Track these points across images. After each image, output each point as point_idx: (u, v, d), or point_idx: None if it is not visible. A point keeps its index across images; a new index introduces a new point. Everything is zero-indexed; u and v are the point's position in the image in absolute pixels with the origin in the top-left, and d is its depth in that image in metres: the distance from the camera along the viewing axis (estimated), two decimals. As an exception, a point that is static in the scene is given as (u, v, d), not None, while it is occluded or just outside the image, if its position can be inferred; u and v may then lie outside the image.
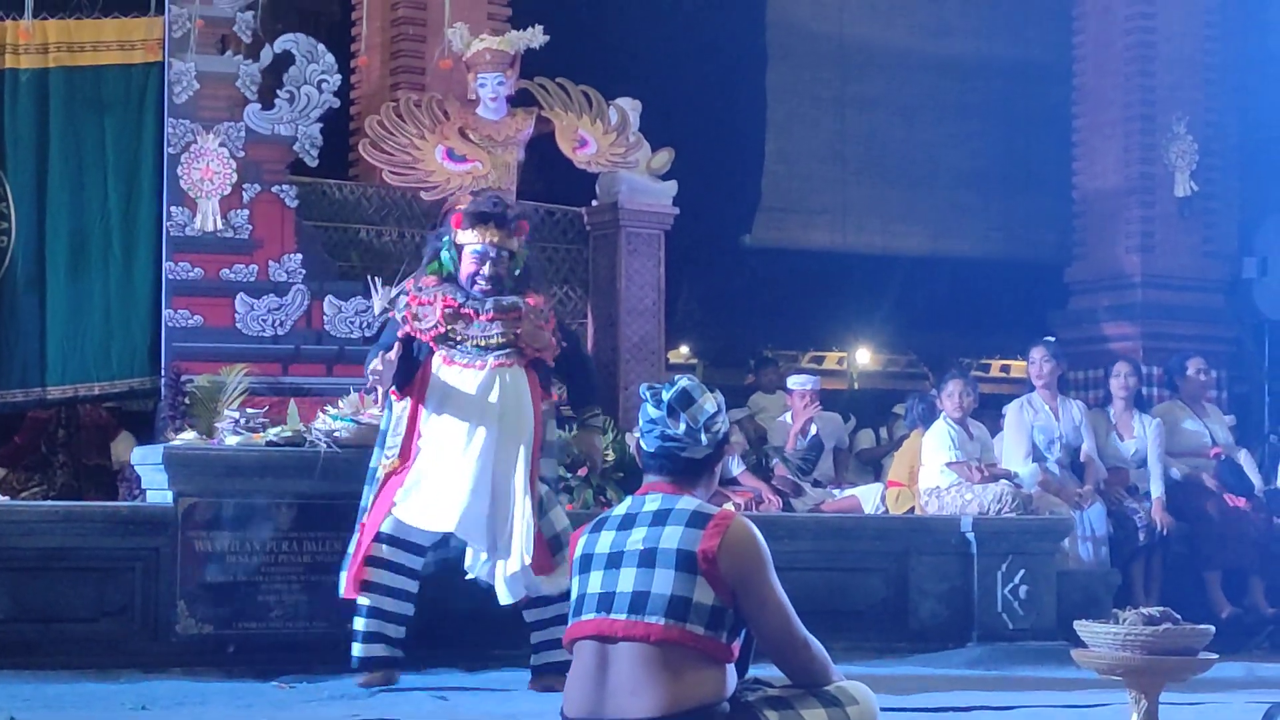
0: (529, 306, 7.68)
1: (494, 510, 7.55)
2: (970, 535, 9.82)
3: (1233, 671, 8.57)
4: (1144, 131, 14.24)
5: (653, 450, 4.85)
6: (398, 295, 7.97)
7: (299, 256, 9.79)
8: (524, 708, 6.86)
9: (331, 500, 8.49)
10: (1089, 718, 6.82)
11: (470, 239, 7.63)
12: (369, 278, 9.95)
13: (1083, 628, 5.42)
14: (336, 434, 8.57)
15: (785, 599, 4.76)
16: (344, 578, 7.72)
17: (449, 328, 7.59)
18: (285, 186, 9.89)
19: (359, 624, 7.67)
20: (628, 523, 4.77)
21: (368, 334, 9.78)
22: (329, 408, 8.80)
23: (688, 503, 4.74)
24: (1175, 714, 6.06)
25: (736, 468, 11.00)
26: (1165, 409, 11.84)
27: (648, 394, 4.89)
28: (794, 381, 12.24)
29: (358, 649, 7.67)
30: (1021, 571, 9.82)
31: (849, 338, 22.01)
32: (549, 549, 7.58)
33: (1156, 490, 11.13)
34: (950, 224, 15.69)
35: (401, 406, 7.70)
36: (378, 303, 9.78)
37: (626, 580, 4.67)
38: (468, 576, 7.80)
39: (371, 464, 7.86)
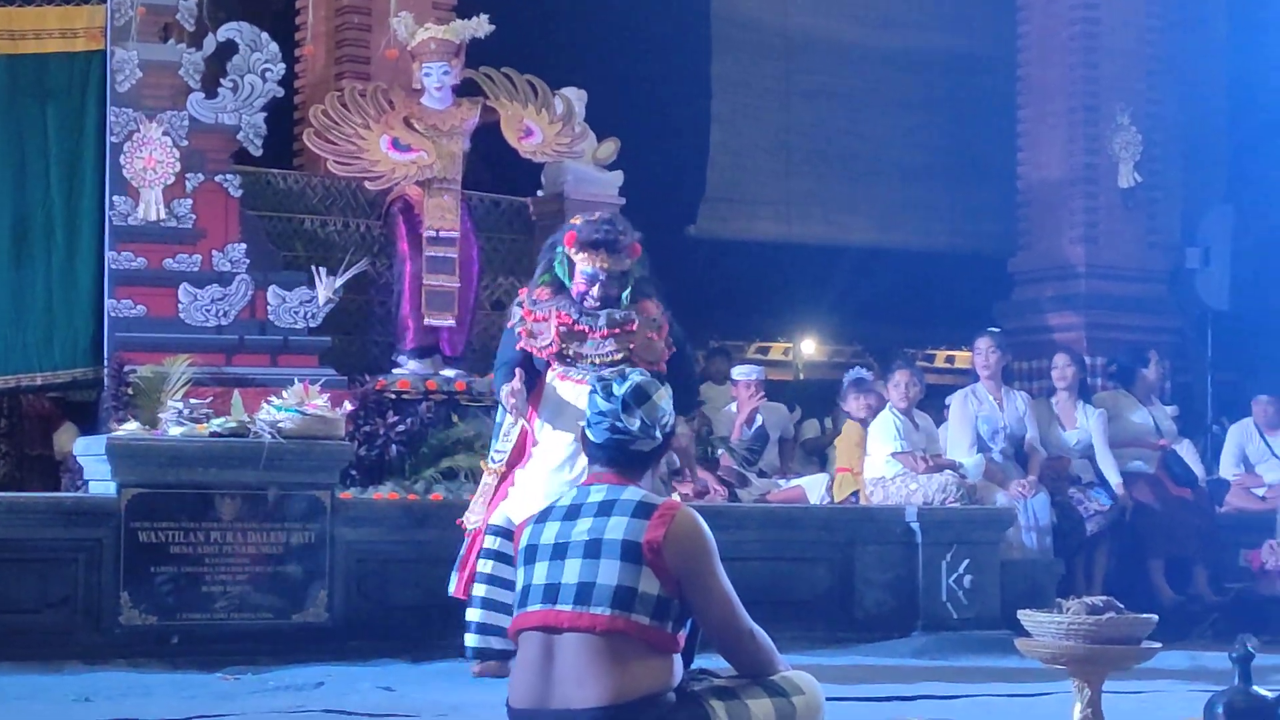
0: (643, 318, 7.71)
1: None
2: (915, 525, 9.86)
3: (1176, 660, 8.62)
4: (1088, 123, 14.29)
5: (601, 442, 4.85)
6: (513, 307, 7.93)
7: (243, 246, 9.74)
8: (470, 698, 6.85)
9: (276, 491, 8.47)
10: (1032, 707, 6.84)
11: (581, 261, 7.62)
12: (314, 268, 9.93)
13: (1026, 617, 5.43)
14: (281, 424, 8.54)
15: (731, 589, 4.76)
16: (455, 578, 7.87)
17: (564, 345, 7.65)
18: (229, 176, 9.83)
19: (473, 615, 7.69)
20: (573, 513, 4.77)
21: (311, 324, 9.74)
22: (273, 398, 8.77)
23: (633, 493, 4.74)
24: (1118, 703, 6.08)
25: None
26: (1110, 399, 11.90)
27: (598, 386, 4.88)
28: (738, 372, 12.26)
29: (472, 640, 7.72)
30: (966, 561, 9.86)
31: (794, 328, 22.03)
32: None
33: (1115, 478, 11.21)
34: (895, 215, 15.71)
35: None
36: (322, 293, 9.76)
37: (572, 571, 4.66)
38: None
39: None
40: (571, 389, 7.61)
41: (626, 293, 7.67)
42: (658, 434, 4.81)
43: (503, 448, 7.85)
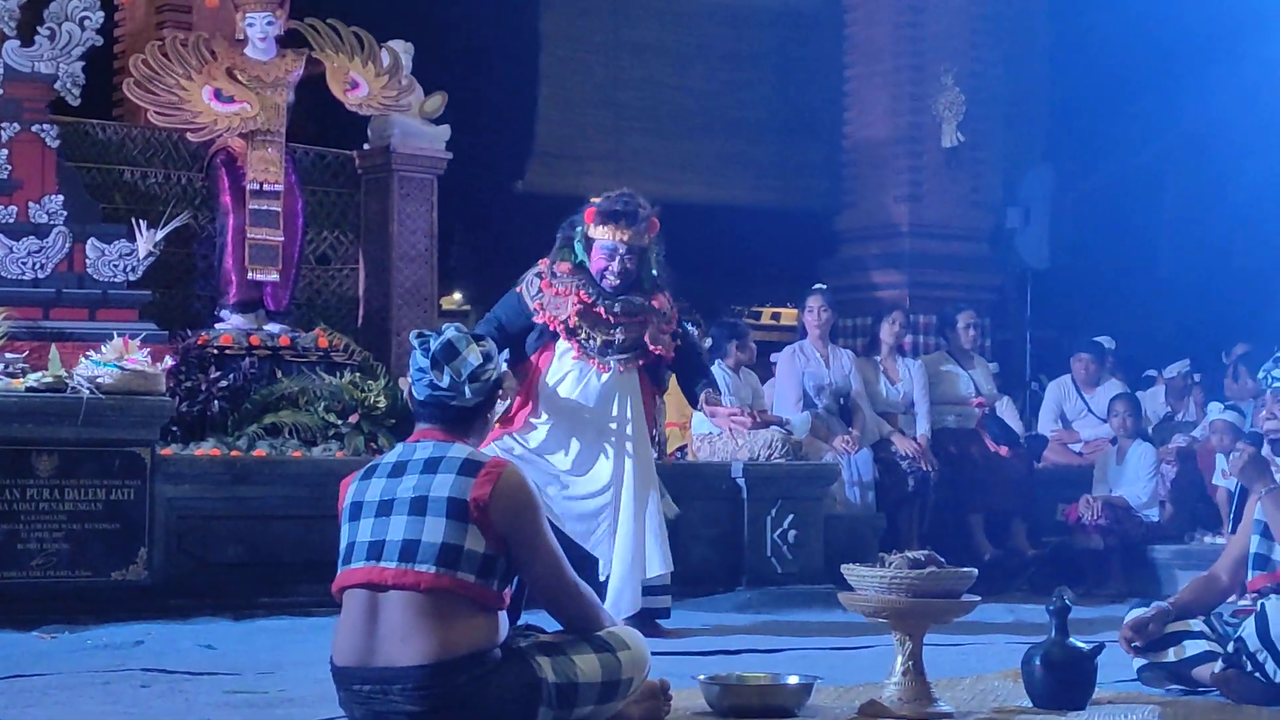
0: (655, 310, 7.87)
1: (608, 506, 7.82)
2: (740, 481, 9.92)
3: (995, 613, 8.75)
4: (913, 82, 14.41)
5: (423, 399, 4.84)
6: (531, 275, 7.87)
7: (60, 198, 9.55)
8: (292, 656, 6.80)
9: (94, 447, 8.35)
10: (855, 660, 6.91)
11: (600, 235, 7.73)
12: (133, 220, 9.77)
13: (849, 571, 5.48)
14: (99, 380, 8.41)
15: (556, 546, 4.77)
16: None
17: (579, 324, 7.72)
18: (46, 126, 9.64)
19: None
20: (399, 470, 4.75)
21: (131, 278, 9.58)
22: (92, 353, 8.63)
23: (459, 450, 4.73)
24: (939, 655, 6.17)
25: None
26: (933, 359, 12.04)
27: (417, 342, 4.86)
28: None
29: None
30: (790, 516, 9.94)
31: (622, 284, 21.99)
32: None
33: (922, 428, 11.38)
34: (723, 172, 15.75)
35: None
36: (143, 246, 9.60)
37: (397, 528, 4.64)
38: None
39: None
40: (581, 367, 7.78)
41: (649, 275, 7.86)
42: (467, 391, 4.79)
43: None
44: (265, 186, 10.03)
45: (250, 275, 10.05)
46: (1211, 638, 5.89)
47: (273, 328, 10.09)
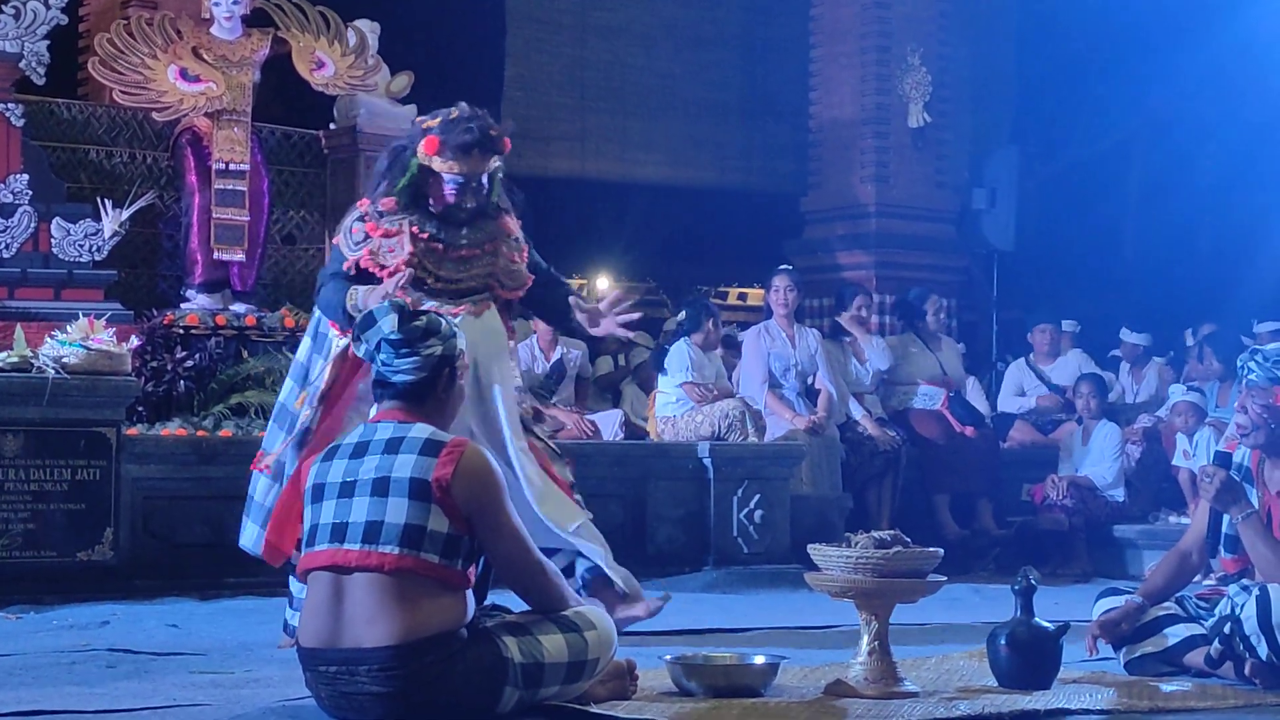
0: (505, 235, 6.71)
1: None
2: (707, 461, 9.92)
3: (961, 593, 8.78)
4: (879, 63, 14.41)
5: (375, 377, 4.87)
6: (350, 222, 6.67)
7: (25, 177, 9.51)
8: (259, 636, 6.79)
9: (60, 427, 8.32)
10: (822, 639, 6.92)
11: (446, 169, 6.51)
12: (99, 199, 9.74)
13: (815, 551, 5.50)
14: (65, 360, 8.38)
15: (520, 525, 4.78)
16: (256, 532, 6.55)
17: (419, 267, 6.51)
18: (11, 105, 9.59)
19: (296, 587, 6.10)
20: (360, 451, 4.75)
21: (97, 257, 9.55)
22: (57, 333, 8.60)
23: (420, 430, 4.74)
24: (905, 635, 6.18)
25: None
26: (899, 341, 12.07)
27: (359, 319, 4.90)
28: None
29: (292, 615, 6.34)
30: (757, 496, 9.95)
31: (588, 265, 21.98)
32: (573, 492, 6.87)
33: (878, 410, 11.46)
34: (689, 153, 15.76)
35: (339, 342, 6.54)
36: (108, 226, 9.56)
37: (360, 510, 4.65)
38: None
39: (281, 398, 6.84)
40: None
41: (495, 197, 6.68)
42: (401, 362, 4.80)
43: (317, 382, 6.59)
44: (231, 166, 10.00)
45: (216, 255, 10.02)
46: (1186, 619, 5.90)
47: (239, 308, 10.06)
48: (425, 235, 6.52)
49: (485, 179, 6.59)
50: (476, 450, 4.75)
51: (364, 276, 6.50)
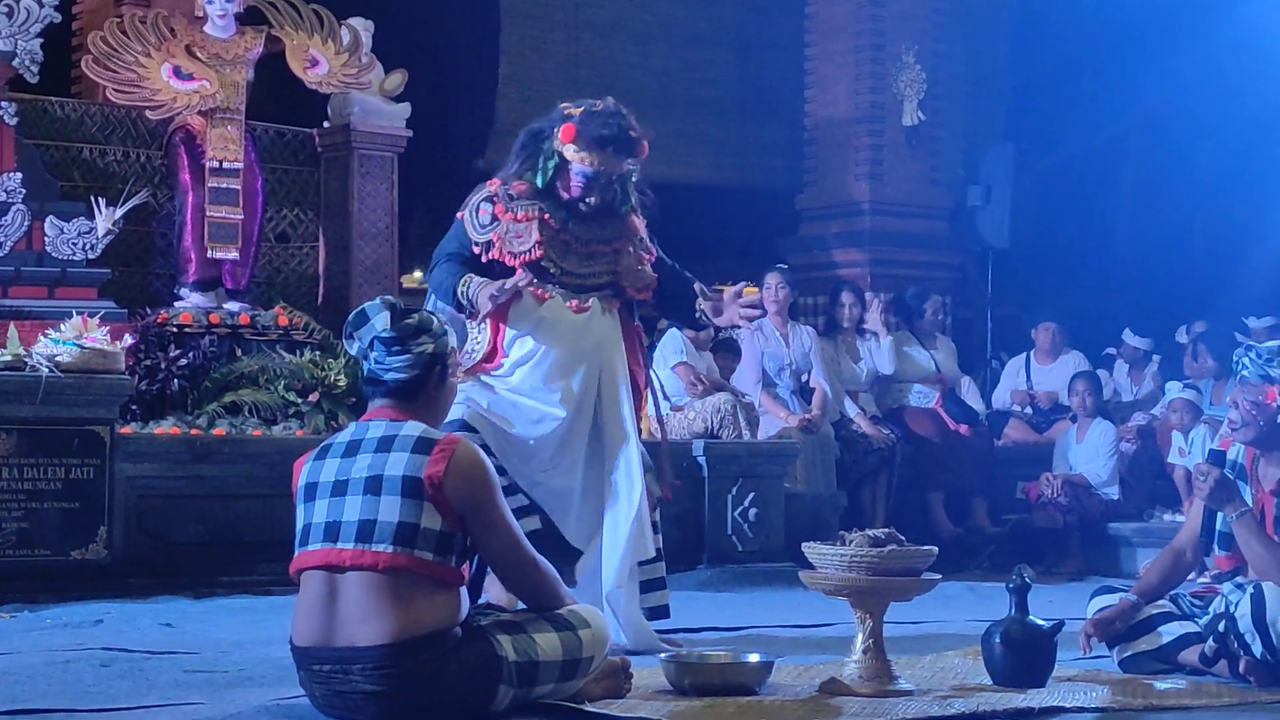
0: (631, 235, 6.62)
1: (585, 486, 6.54)
2: (702, 459, 9.91)
3: (956, 591, 8.78)
4: (874, 60, 14.40)
5: (366, 374, 4.86)
6: (478, 200, 6.49)
7: (19, 176, 9.49)
8: (253, 634, 6.79)
9: (54, 425, 8.31)
10: (816, 637, 6.92)
11: (580, 160, 6.38)
12: (93, 198, 9.73)
13: (810, 549, 5.49)
14: (58, 358, 8.37)
15: (514, 522, 4.78)
16: None
17: (545, 256, 6.40)
18: (4, 104, 9.57)
19: None
20: (352, 449, 4.74)
21: (90, 256, 9.54)
22: (51, 331, 8.59)
23: (412, 428, 4.73)
24: (900, 633, 6.18)
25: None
26: (896, 338, 12.06)
27: (351, 316, 4.89)
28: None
29: None
30: (751, 494, 9.94)
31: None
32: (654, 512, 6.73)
33: (872, 408, 11.45)
34: (684, 150, 15.74)
35: (480, 325, 6.48)
36: (102, 224, 9.56)
37: (353, 508, 4.64)
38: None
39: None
40: (556, 309, 6.46)
41: (628, 203, 6.60)
42: (393, 360, 4.80)
43: (476, 347, 6.47)
44: (225, 164, 9.99)
45: (210, 253, 10.01)
46: (1180, 617, 5.90)
47: (232, 306, 10.05)
48: (556, 226, 6.41)
49: (616, 178, 6.48)
50: (469, 448, 4.75)
51: (479, 261, 6.39)
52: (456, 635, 4.63)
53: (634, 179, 6.60)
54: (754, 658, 5.43)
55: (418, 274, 17.74)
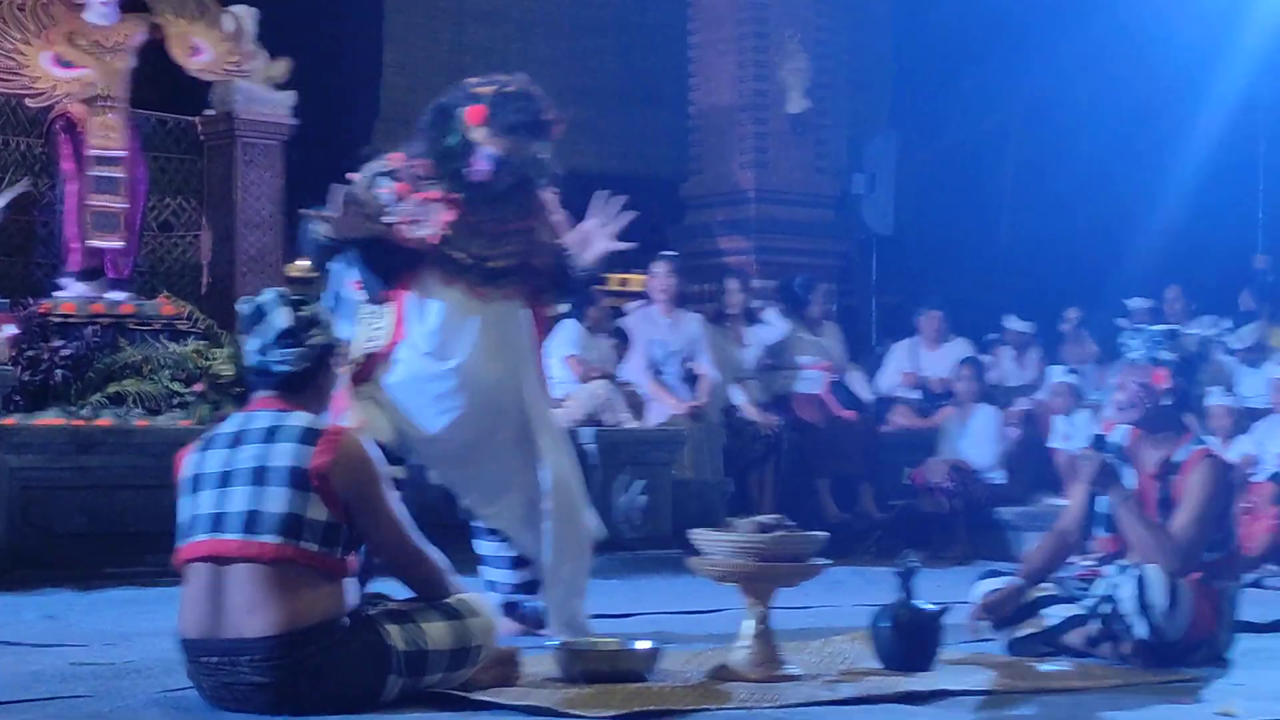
0: (543, 212, 6.37)
1: (492, 473, 6.34)
2: (591, 446, 9.91)
3: (843, 576, 8.82)
4: (758, 49, 14.44)
5: (251, 365, 4.83)
6: (377, 173, 6.18)
7: (-104, 165, 9.39)
8: (138, 626, 6.73)
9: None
10: (705, 624, 6.94)
11: (490, 143, 6.09)
12: (-29, 187, 9.62)
13: (698, 536, 5.51)
14: (-61, 349, 8.27)
15: (400, 512, 4.76)
16: None
17: (450, 241, 6.11)
18: (-119, 92, 9.46)
19: None
20: (237, 440, 4.71)
21: (-29, 246, 9.44)
22: (-70, 322, 8.49)
23: (298, 419, 4.71)
24: (788, 619, 6.21)
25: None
26: (781, 324, 12.10)
27: (243, 308, 4.85)
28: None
29: None
30: (640, 482, 9.95)
31: (469, 251, 21.88)
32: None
33: (759, 395, 11.50)
34: (569, 139, 15.54)
35: (383, 310, 6.19)
36: (-18, 214, 9.44)
37: (239, 499, 4.62)
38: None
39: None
40: (455, 299, 6.15)
41: (541, 180, 6.32)
42: (276, 354, 4.75)
43: (375, 328, 6.20)
44: (106, 153, 9.89)
45: (92, 243, 9.91)
46: (1065, 600, 5.96)
47: (116, 295, 9.95)
48: (462, 206, 6.10)
49: (527, 160, 6.20)
50: (354, 439, 4.74)
51: (380, 243, 6.05)
52: (345, 626, 4.61)
53: (544, 158, 6.31)
54: (643, 644, 5.44)
55: (304, 262, 17.62)
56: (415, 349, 6.18)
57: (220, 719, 4.59)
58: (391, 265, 6.11)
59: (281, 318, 4.79)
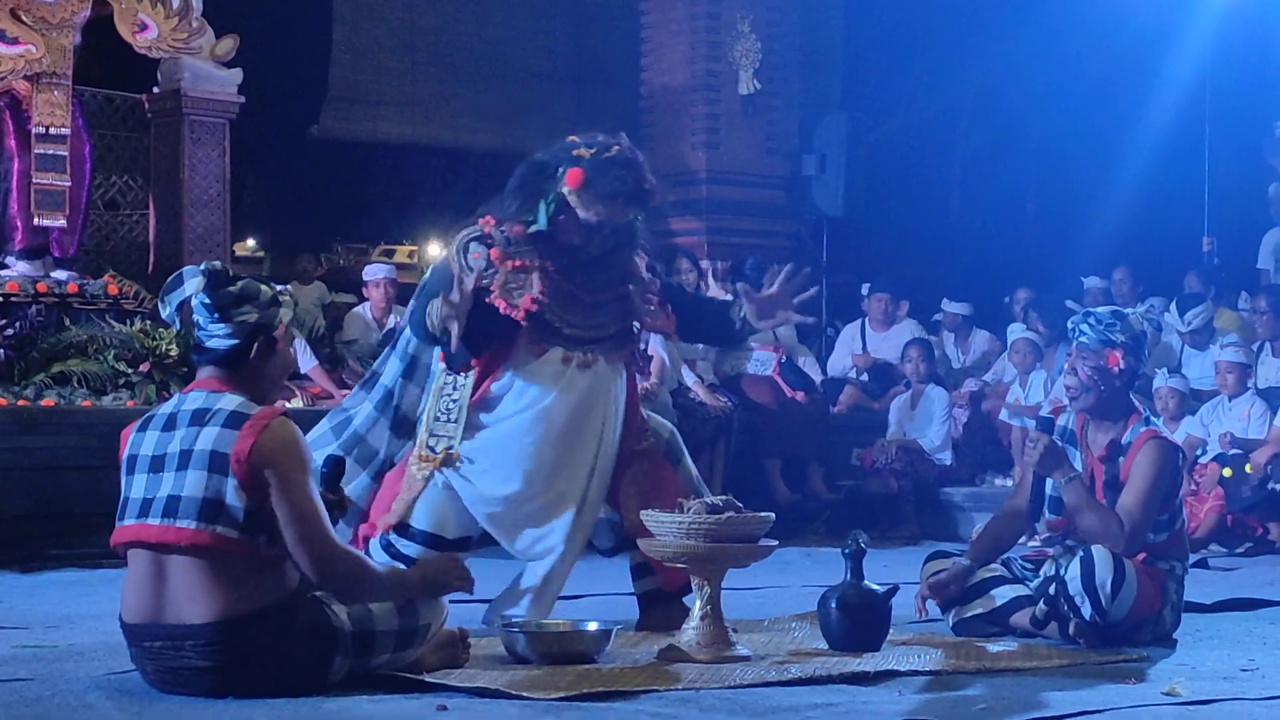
0: (635, 275, 6.10)
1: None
2: (538, 428, 9.87)
3: (792, 557, 8.83)
4: (709, 30, 14.42)
5: (192, 341, 4.77)
6: (467, 240, 5.89)
7: None
8: (82, 609, 6.69)
9: None
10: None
11: (587, 209, 5.84)
12: (-85, 165, 9.53)
13: (649, 517, 5.49)
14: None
15: (318, 507, 4.62)
16: None
17: (546, 309, 5.84)
18: None
19: None
20: (170, 423, 4.65)
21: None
22: None
23: (229, 401, 4.64)
24: (737, 599, 6.21)
25: (308, 363, 10.83)
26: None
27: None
28: (370, 271, 12.16)
29: None
30: (589, 463, 9.92)
31: (420, 231, 21.89)
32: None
33: (709, 376, 11.50)
34: (519, 119, 15.69)
35: (462, 381, 5.94)
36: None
37: (165, 484, 4.58)
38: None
39: (350, 414, 6.09)
40: (553, 369, 5.88)
41: (634, 246, 6.12)
42: (220, 331, 4.67)
43: (445, 431, 5.94)
44: (51, 130, 9.83)
45: (36, 221, 9.85)
46: (1012, 580, 5.98)
47: (60, 275, 9.89)
48: (556, 274, 5.84)
49: (619, 227, 5.97)
50: (283, 425, 4.61)
51: (481, 307, 5.76)
52: (289, 609, 4.56)
53: (639, 222, 6.10)
54: (592, 626, 5.43)
55: (250, 242, 17.57)
56: (497, 411, 5.95)
57: (164, 702, 4.55)
58: (482, 333, 5.81)
59: (193, 286, 4.68)
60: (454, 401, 5.91)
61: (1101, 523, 5.75)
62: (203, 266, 4.75)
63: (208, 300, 4.69)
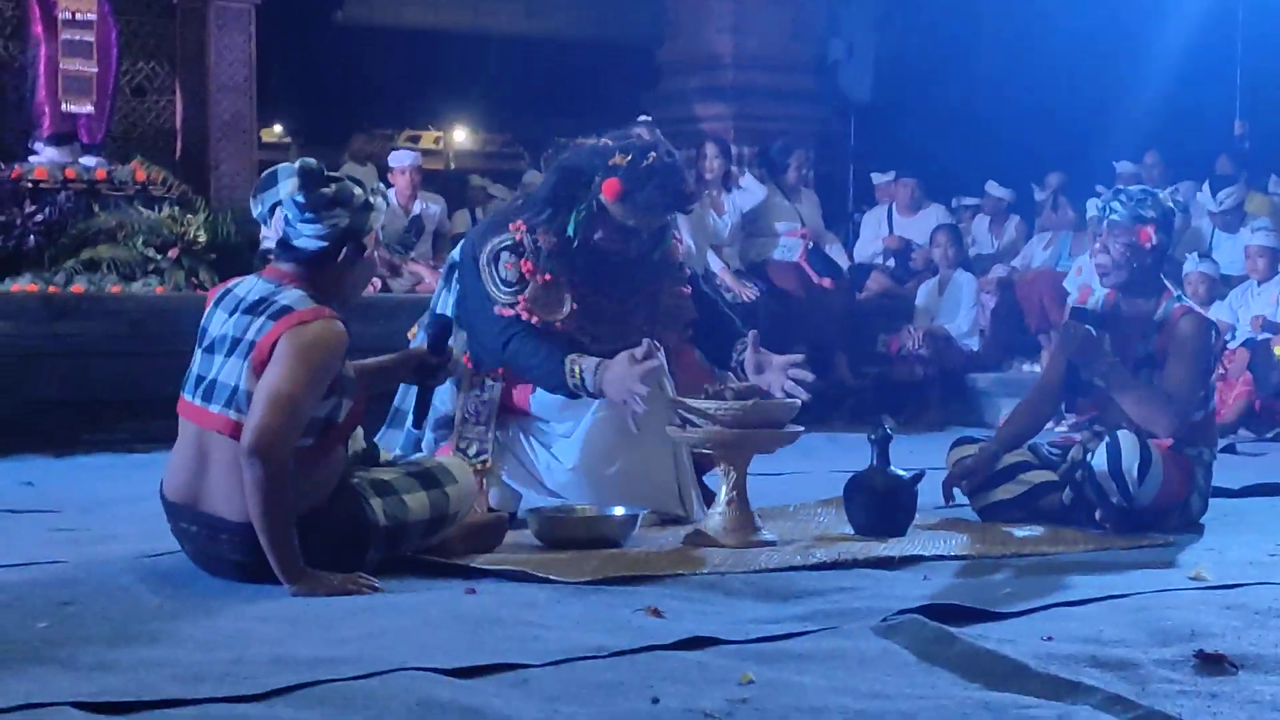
0: (670, 268, 6.02)
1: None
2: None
3: (817, 443, 8.85)
4: (735, -89, 14.29)
5: (279, 236, 4.69)
6: (498, 248, 5.74)
7: None
8: (113, 492, 6.74)
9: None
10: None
11: (622, 217, 5.69)
12: None
13: (675, 403, 5.51)
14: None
15: (294, 402, 4.44)
16: None
17: (580, 321, 5.76)
18: None
19: None
20: (234, 306, 4.62)
21: None
22: (-99, 187, 8.43)
23: (288, 296, 4.58)
24: (763, 485, 6.23)
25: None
26: (759, 190, 12.05)
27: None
28: (395, 158, 12.11)
29: None
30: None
31: (445, 117, 21.83)
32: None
33: (735, 262, 11.47)
34: (543, 3, 15.62)
35: (491, 383, 5.85)
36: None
37: (214, 366, 4.59)
38: None
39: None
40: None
41: (667, 240, 6.00)
42: (310, 231, 4.60)
43: (473, 434, 5.82)
44: (78, 16, 9.80)
45: (64, 107, 9.84)
46: (1039, 466, 5.99)
47: (88, 161, 9.89)
48: (586, 289, 5.75)
49: (654, 231, 5.86)
50: (325, 324, 4.51)
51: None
52: (323, 506, 4.56)
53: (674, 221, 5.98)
54: (619, 511, 5.45)
55: (277, 128, 17.55)
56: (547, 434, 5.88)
57: (197, 584, 4.59)
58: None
59: (288, 187, 4.59)
60: (484, 403, 5.83)
61: (1149, 404, 5.74)
62: (298, 164, 4.63)
63: (300, 199, 4.57)
